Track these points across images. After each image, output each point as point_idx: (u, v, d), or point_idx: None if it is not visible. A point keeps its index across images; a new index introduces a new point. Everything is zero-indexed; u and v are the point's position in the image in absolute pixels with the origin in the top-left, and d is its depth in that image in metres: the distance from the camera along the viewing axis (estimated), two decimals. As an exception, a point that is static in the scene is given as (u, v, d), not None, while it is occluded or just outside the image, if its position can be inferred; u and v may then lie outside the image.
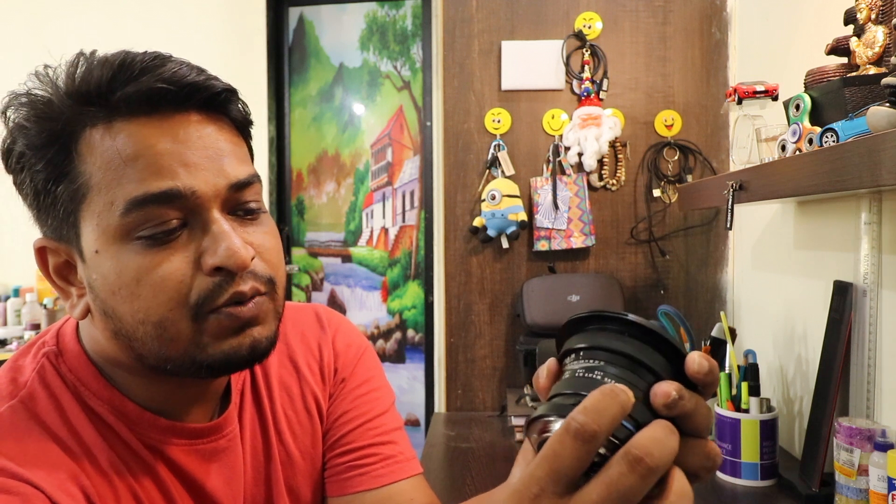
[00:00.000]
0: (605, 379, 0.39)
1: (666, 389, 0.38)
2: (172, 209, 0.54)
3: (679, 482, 0.38)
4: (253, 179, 0.59)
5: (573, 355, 0.42)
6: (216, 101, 0.57)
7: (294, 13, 2.70)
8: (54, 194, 0.55)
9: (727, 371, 1.27)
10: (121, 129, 0.54)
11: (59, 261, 0.58)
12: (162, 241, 0.54)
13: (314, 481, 0.72)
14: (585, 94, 1.71)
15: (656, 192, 1.73)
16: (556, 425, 0.39)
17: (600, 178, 1.74)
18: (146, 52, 0.55)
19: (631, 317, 0.40)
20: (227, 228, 0.55)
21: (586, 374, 0.40)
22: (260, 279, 0.57)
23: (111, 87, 0.53)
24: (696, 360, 0.39)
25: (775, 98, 1.29)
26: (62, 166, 0.54)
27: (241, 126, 0.61)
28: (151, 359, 0.56)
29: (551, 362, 0.43)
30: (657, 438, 0.36)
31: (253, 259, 0.56)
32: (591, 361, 0.40)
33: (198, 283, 0.55)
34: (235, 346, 0.56)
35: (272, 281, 0.59)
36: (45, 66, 0.55)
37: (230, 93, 0.59)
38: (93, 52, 0.56)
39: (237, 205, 0.58)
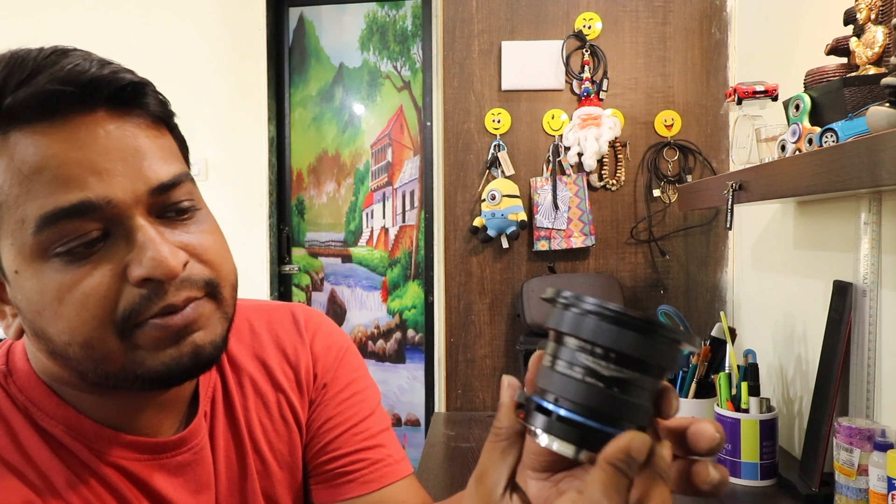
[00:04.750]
0: (616, 391, 0.36)
1: (710, 432, 0.37)
2: (89, 221, 0.49)
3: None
4: (180, 179, 0.53)
5: (568, 345, 0.37)
6: (124, 96, 0.51)
7: (294, 13, 2.70)
8: None
9: (727, 371, 1.27)
10: (19, 140, 0.48)
11: None
12: (82, 256, 0.49)
13: (293, 490, 0.70)
14: (585, 94, 1.71)
15: (656, 192, 1.73)
16: (542, 437, 0.37)
17: (600, 178, 1.74)
18: (42, 48, 0.49)
19: (632, 313, 0.36)
20: (153, 235, 0.50)
21: (591, 381, 0.36)
22: (195, 284, 0.53)
23: (1, 92, 0.47)
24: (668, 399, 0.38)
25: (775, 98, 1.29)
26: None
27: (163, 119, 0.55)
28: (91, 376, 0.52)
29: (539, 356, 0.40)
30: (665, 500, 0.36)
31: (186, 264, 0.52)
32: (599, 363, 0.36)
33: (125, 295, 0.50)
34: (176, 356, 0.52)
35: (212, 283, 0.54)
36: None
37: (139, 85, 0.52)
38: None
39: (165, 206, 0.53)
